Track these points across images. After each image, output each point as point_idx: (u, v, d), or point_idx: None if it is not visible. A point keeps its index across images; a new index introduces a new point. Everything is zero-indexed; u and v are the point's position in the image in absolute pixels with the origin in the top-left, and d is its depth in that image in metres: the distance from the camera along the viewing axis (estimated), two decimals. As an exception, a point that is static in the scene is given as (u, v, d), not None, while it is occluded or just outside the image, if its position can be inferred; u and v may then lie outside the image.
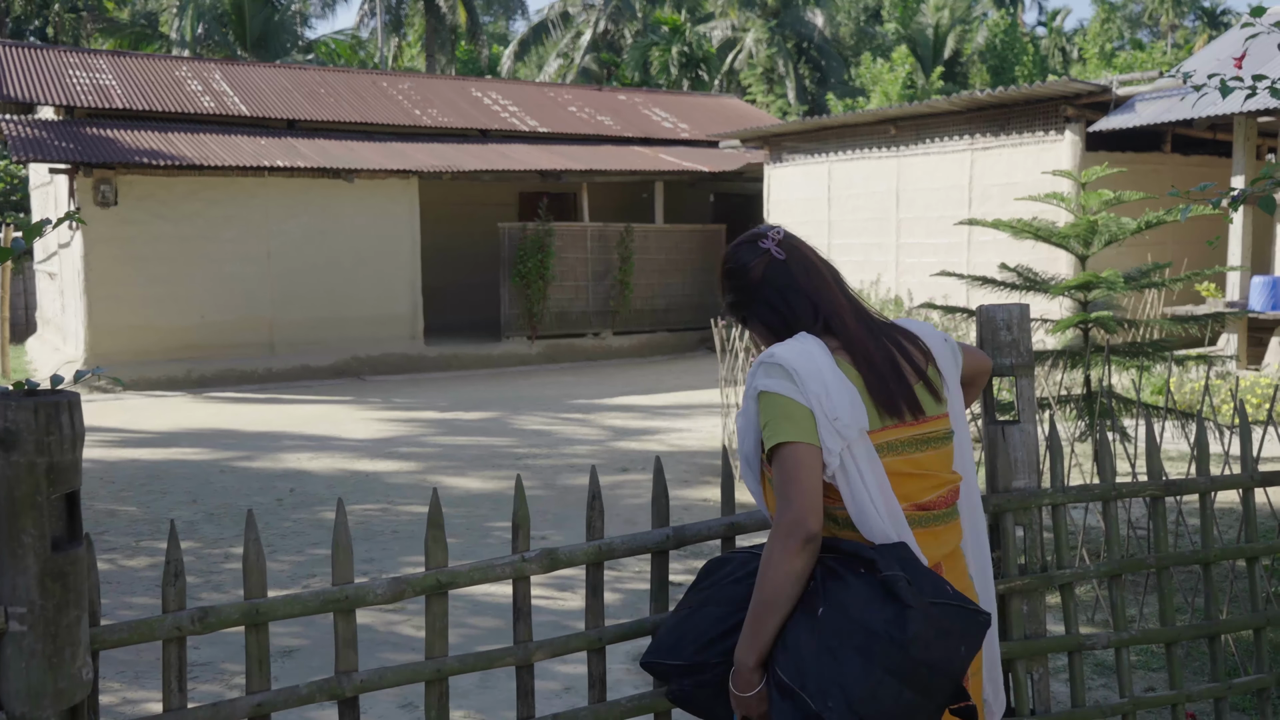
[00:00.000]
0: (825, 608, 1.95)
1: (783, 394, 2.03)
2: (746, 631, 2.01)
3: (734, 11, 37.91)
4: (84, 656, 1.83)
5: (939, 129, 14.64)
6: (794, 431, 2.00)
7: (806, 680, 1.90)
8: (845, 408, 2.03)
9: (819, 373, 2.05)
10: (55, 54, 17.44)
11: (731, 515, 2.57)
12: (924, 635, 1.89)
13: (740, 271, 2.26)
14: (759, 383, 2.08)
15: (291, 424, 11.17)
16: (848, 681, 1.87)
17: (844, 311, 2.17)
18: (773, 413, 2.03)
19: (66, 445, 1.76)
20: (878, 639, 1.89)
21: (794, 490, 1.97)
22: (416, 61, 40.54)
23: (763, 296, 2.23)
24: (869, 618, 1.91)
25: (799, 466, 1.98)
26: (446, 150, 16.85)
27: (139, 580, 5.90)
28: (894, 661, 1.87)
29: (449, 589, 2.27)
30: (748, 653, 2.01)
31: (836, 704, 1.86)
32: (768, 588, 1.98)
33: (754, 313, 2.26)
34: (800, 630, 1.96)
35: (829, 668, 1.89)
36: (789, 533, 1.95)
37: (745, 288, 2.26)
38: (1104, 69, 36.57)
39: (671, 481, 8.11)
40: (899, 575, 1.94)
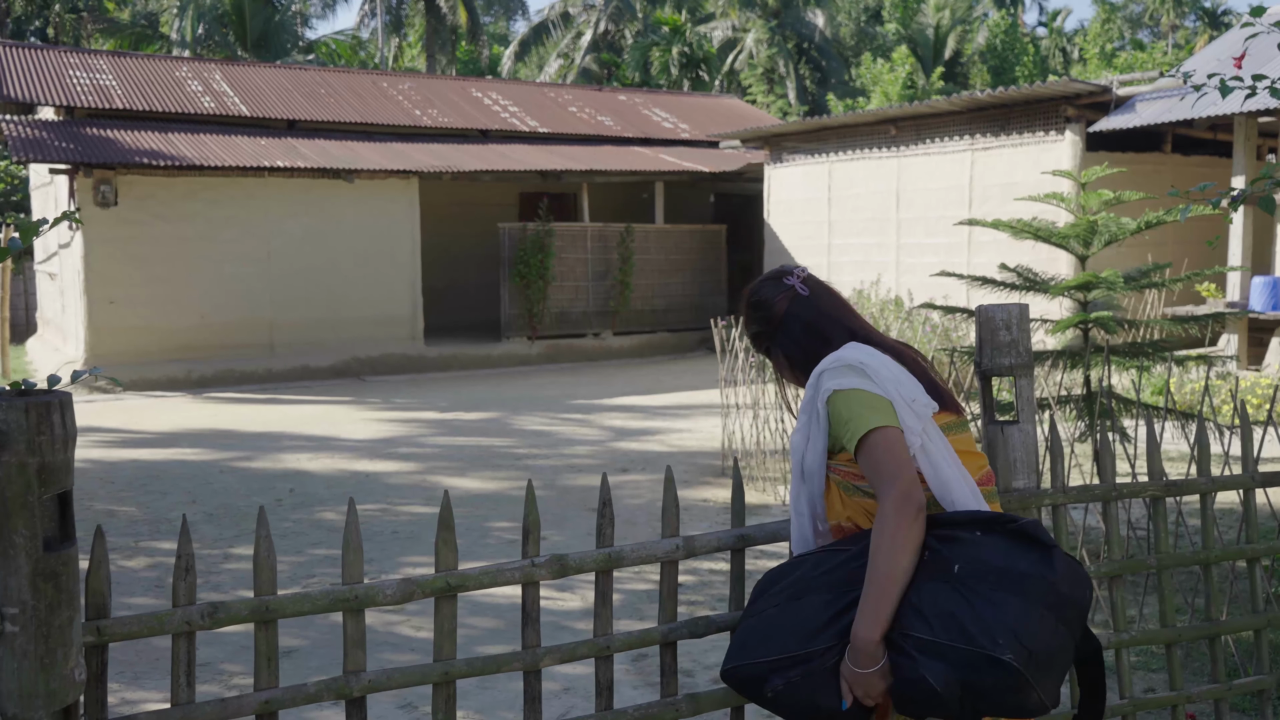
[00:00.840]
0: (961, 564, 2.02)
1: (859, 388, 2.15)
2: (867, 607, 2.03)
3: (734, 12, 37.91)
4: (76, 657, 1.82)
5: (939, 129, 14.63)
6: (879, 418, 2.11)
7: (966, 629, 1.95)
8: (918, 391, 2.19)
9: (886, 364, 2.20)
10: (55, 54, 17.44)
11: (742, 527, 2.57)
12: (1067, 573, 2.02)
13: (764, 305, 2.38)
14: (829, 384, 2.18)
15: (291, 424, 11.17)
16: (1011, 619, 1.94)
17: (871, 330, 2.35)
18: (853, 408, 2.14)
19: (58, 445, 1.75)
20: (1029, 578, 1.98)
21: (895, 466, 2.07)
22: (417, 62, 40.54)
23: (786, 329, 2.35)
24: (1014, 562, 2.01)
25: (892, 446, 2.09)
26: (447, 150, 16.84)
27: (138, 581, 5.90)
28: (1050, 598, 1.98)
29: (458, 592, 2.27)
30: (872, 627, 2.02)
31: (1006, 641, 1.92)
32: (887, 559, 2.03)
33: (777, 344, 2.38)
34: (937, 593, 2.02)
35: (987, 612, 1.95)
36: (902, 504, 2.04)
37: (769, 320, 2.37)
38: (1104, 69, 36.55)
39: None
40: (1032, 520, 2.07)
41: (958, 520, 2.10)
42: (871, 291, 14.66)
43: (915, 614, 2.01)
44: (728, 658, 2.20)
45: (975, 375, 2.85)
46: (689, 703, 2.46)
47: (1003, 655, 1.91)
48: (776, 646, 2.12)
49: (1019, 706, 1.95)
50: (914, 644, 2.00)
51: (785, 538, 2.60)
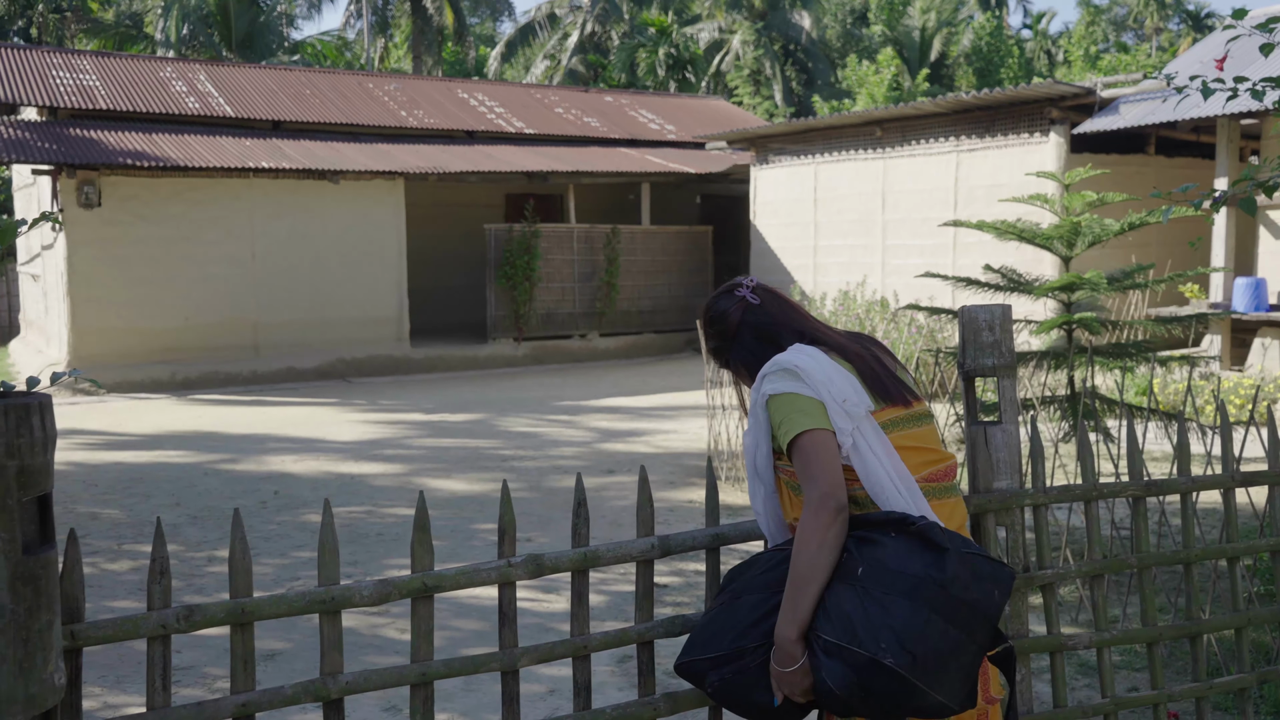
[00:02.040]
0: (864, 567, 2.07)
1: (791, 391, 2.20)
2: (786, 606, 2.09)
3: (721, 13, 37.95)
4: (56, 661, 1.81)
5: (924, 131, 14.67)
6: (808, 421, 2.15)
7: (856, 633, 1.99)
8: (850, 390, 2.22)
9: (820, 366, 2.23)
10: (39, 54, 17.33)
11: (717, 526, 2.57)
12: (962, 575, 2.03)
13: (719, 318, 2.45)
14: (766, 389, 2.24)
15: (276, 426, 11.12)
16: (897, 623, 1.99)
17: (824, 328, 2.40)
18: (785, 411, 2.19)
19: (37, 448, 1.74)
20: (921, 582, 2.02)
21: (817, 469, 2.12)
22: (403, 63, 40.45)
23: (741, 339, 2.42)
24: (909, 565, 2.04)
25: (818, 448, 2.13)
26: (432, 151, 16.81)
27: (121, 584, 5.86)
28: (938, 600, 2.01)
29: (435, 592, 2.27)
30: (789, 626, 2.08)
31: (890, 645, 1.97)
32: (805, 558, 2.08)
33: (734, 355, 2.44)
34: (841, 595, 2.06)
35: (877, 616, 2.00)
36: (820, 505, 2.09)
37: (724, 334, 2.44)
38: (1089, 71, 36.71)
39: (657, 483, 8.10)
40: (934, 523, 2.11)
41: (876, 521, 2.14)
42: (857, 293, 14.69)
43: (823, 615, 2.07)
44: (682, 652, 2.29)
45: (959, 376, 2.86)
46: (667, 701, 2.46)
47: (884, 659, 1.96)
48: (714, 644, 2.21)
49: (918, 709, 1.99)
50: (821, 645, 2.05)
51: (760, 536, 2.61)
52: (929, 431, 2.33)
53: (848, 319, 12.69)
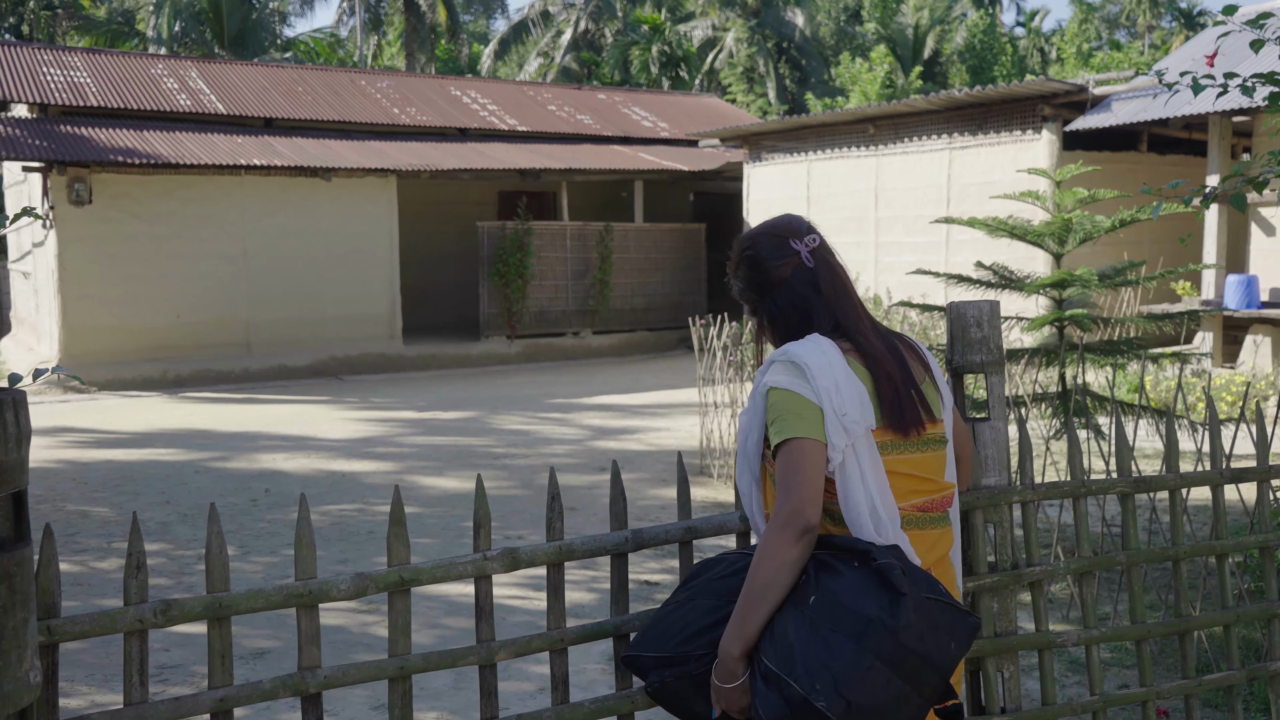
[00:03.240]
0: (817, 596, 1.96)
1: (793, 390, 2.07)
2: (734, 620, 2.01)
3: (714, 11, 37.93)
4: (31, 659, 1.79)
5: (917, 128, 14.67)
6: (802, 427, 2.04)
7: (795, 666, 1.89)
8: (855, 404, 2.08)
9: (830, 369, 2.09)
10: (29, 51, 17.27)
11: (689, 520, 2.57)
12: (916, 624, 1.90)
13: (759, 265, 2.26)
14: (770, 379, 2.12)
15: (268, 424, 11.10)
16: (838, 666, 1.87)
17: (861, 321, 2.21)
18: (781, 409, 2.07)
19: (11, 444, 1.72)
20: (871, 625, 1.89)
21: (796, 482, 2.00)
22: (396, 60, 40.38)
23: (776, 299, 2.24)
24: (862, 604, 1.92)
25: (804, 459, 2.01)
26: (425, 149, 16.78)
27: (109, 582, 5.84)
28: (885, 648, 1.88)
29: (411, 586, 2.26)
30: (734, 642, 2.00)
31: (825, 687, 1.85)
32: (760, 576, 1.98)
33: (767, 308, 2.27)
34: (789, 620, 1.96)
35: (819, 653, 1.89)
36: (787, 522, 1.98)
37: (763, 283, 2.26)
38: (1081, 69, 36.76)
39: (649, 481, 8.09)
40: (894, 564, 1.96)
41: (842, 547, 2.04)
42: (850, 290, 14.68)
43: (769, 639, 1.97)
44: (631, 644, 2.23)
45: (947, 372, 2.85)
46: (644, 695, 2.46)
47: (816, 701, 1.85)
48: (660, 643, 2.14)
49: None
50: (761, 669, 1.96)
51: (732, 530, 2.60)
52: (933, 459, 2.18)
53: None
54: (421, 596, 5.30)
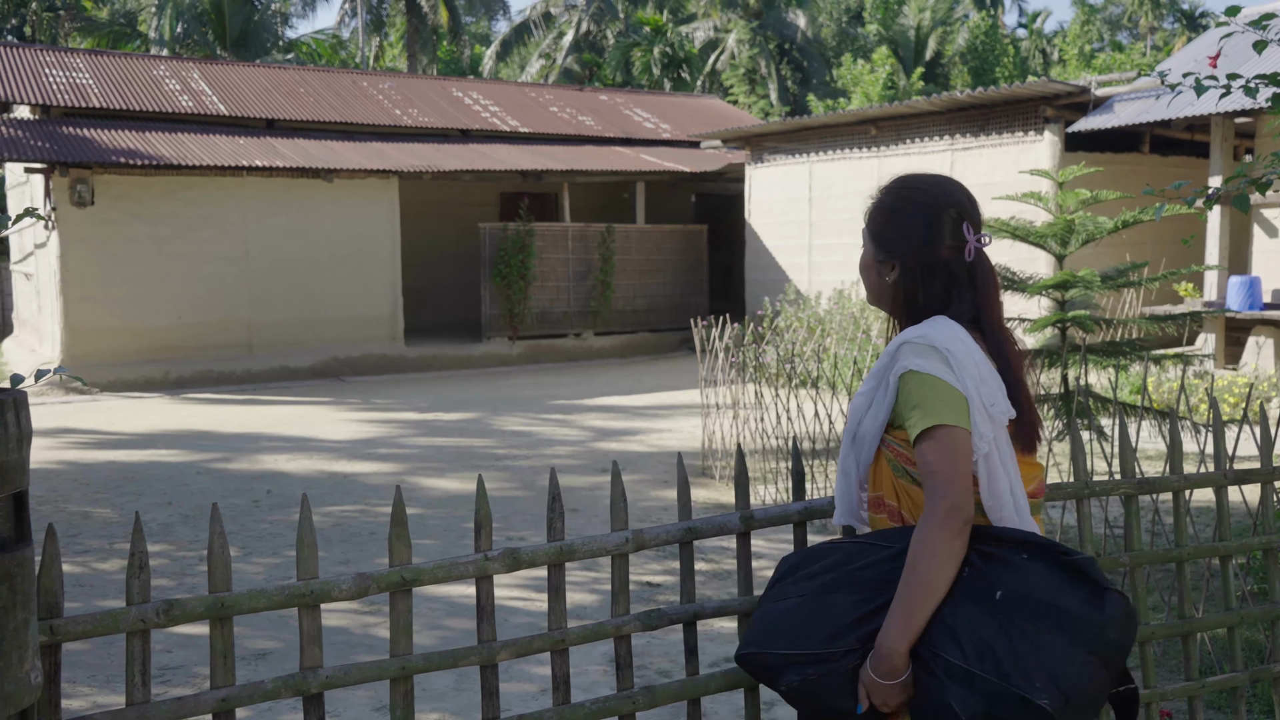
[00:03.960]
0: (1004, 591, 1.94)
1: (938, 376, 2.02)
2: (898, 617, 1.95)
3: (716, 12, 37.93)
4: (32, 660, 1.79)
5: (919, 129, 14.67)
6: (950, 414, 1.99)
7: (1000, 664, 1.88)
8: (999, 393, 2.07)
9: (973, 359, 2.06)
10: (32, 53, 17.29)
11: (689, 520, 2.56)
12: (1119, 616, 1.93)
13: (923, 228, 2.15)
14: (909, 362, 2.04)
15: (270, 425, 11.10)
16: (1053, 663, 1.87)
17: (1000, 322, 2.18)
18: (926, 394, 2.01)
19: (12, 444, 1.72)
20: (1080, 622, 1.90)
21: (950, 473, 1.96)
22: (398, 61, 40.40)
23: (936, 275, 2.15)
24: (1063, 600, 1.92)
25: (958, 450, 1.97)
26: (427, 150, 16.78)
27: (111, 583, 5.83)
28: (1095, 642, 1.90)
29: (413, 586, 2.26)
30: (900, 637, 1.94)
31: (1045, 686, 1.85)
32: (926, 569, 1.94)
33: (914, 276, 2.16)
34: (973, 616, 1.93)
35: (1028, 652, 1.88)
36: (949, 515, 1.94)
37: (920, 249, 2.15)
38: (1083, 70, 36.75)
39: (651, 482, 8.08)
40: (1087, 557, 1.98)
41: (1004, 538, 2.01)
42: (852, 291, 14.69)
43: (948, 634, 1.93)
44: (747, 641, 2.12)
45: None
46: (645, 695, 2.45)
47: (1039, 699, 1.84)
48: (798, 641, 2.04)
49: None
50: (943, 666, 1.92)
51: (732, 531, 2.58)
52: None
53: (842, 318, 12.69)
54: (423, 597, 5.30)
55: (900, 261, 2.17)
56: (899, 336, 2.12)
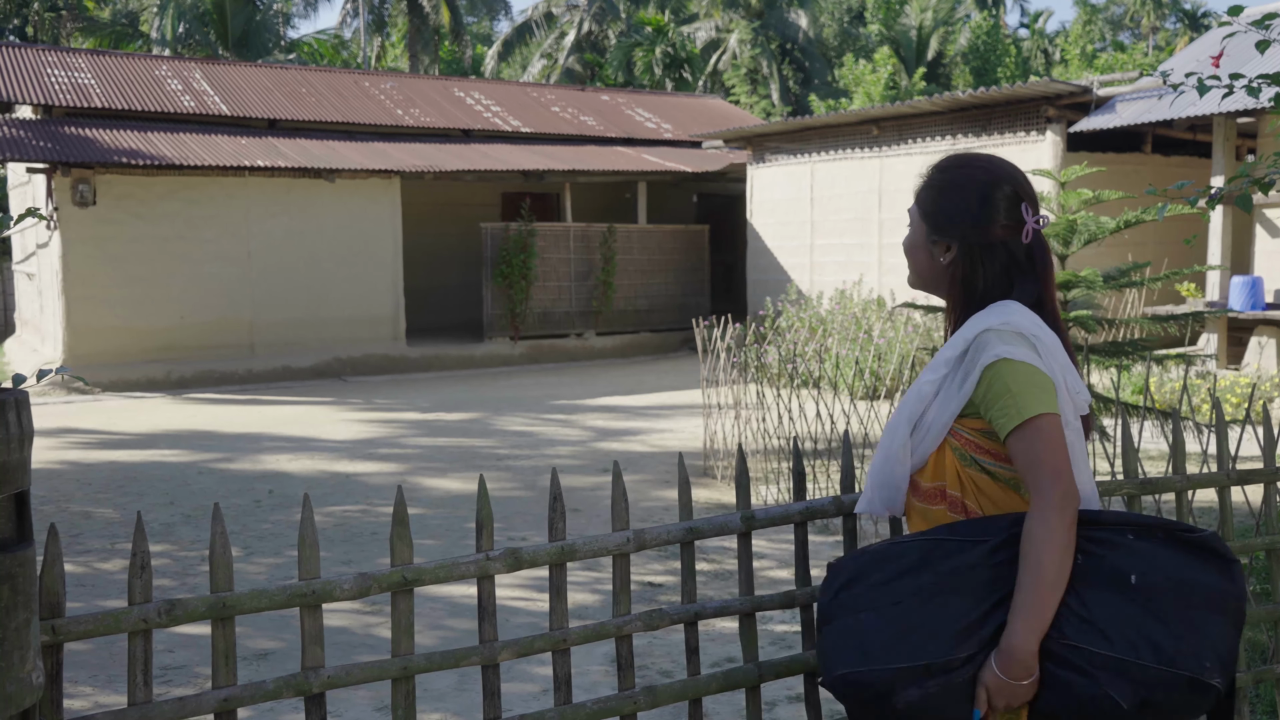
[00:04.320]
0: (1137, 574, 1.89)
1: (1030, 363, 1.96)
2: (1028, 614, 1.86)
3: (718, 12, 37.93)
4: (34, 660, 1.79)
5: (921, 129, 14.66)
6: (1049, 402, 1.94)
7: (1160, 650, 1.84)
8: (1080, 382, 2.04)
9: (1056, 343, 2.03)
10: (34, 53, 17.30)
11: (691, 520, 2.55)
12: (1245, 589, 1.92)
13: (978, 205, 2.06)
14: (999, 349, 1.96)
15: (271, 425, 11.10)
16: (1218, 643, 1.86)
17: (1056, 306, 2.13)
18: (1023, 382, 1.94)
19: (14, 444, 1.71)
20: (1225, 596, 1.89)
21: (1059, 461, 1.90)
22: (400, 61, 40.42)
23: (995, 255, 2.06)
24: (1199, 577, 1.90)
25: (1058, 436, 1.92)
26: (429, 150, 16.79)
27: (113, 583, 5.84)
28: (1238, 615, 1.90)
29: (414, 586, 2.26)
30: (1032, 635, 1.86)
31: (1215, 666, 1.84)
32: (1052, 561, 1.87)
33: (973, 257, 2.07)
34: (1109, 602, 1.88)
35: (1187, 634, 1.85)
36: (1065, 504, 1.89)
37: (976, 227, 2.06)
38: (1085, 70, 36.74)
39: (652, 482, 8.08)
40: (1210, 531, 1.95)
41: (1104, 521, 1.96)
42: (854, 291, 14.68)
43: (1085, 625, 1.87)
44: (838, 660, 1.97)
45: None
46: (647, 695, 2.45)
47: (1212, 679, 1.82)
48: (912, 653, 1.91)
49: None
50: (1086, 658, 1.86)
51: (733, 531, 2.58)
52: None
53: (844, 318, 12.68)
54: (425, 597, 5.30)
55: (956, 241, 2.08)
56: (977, 322, 2.02)
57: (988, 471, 2.02)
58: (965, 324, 2.06)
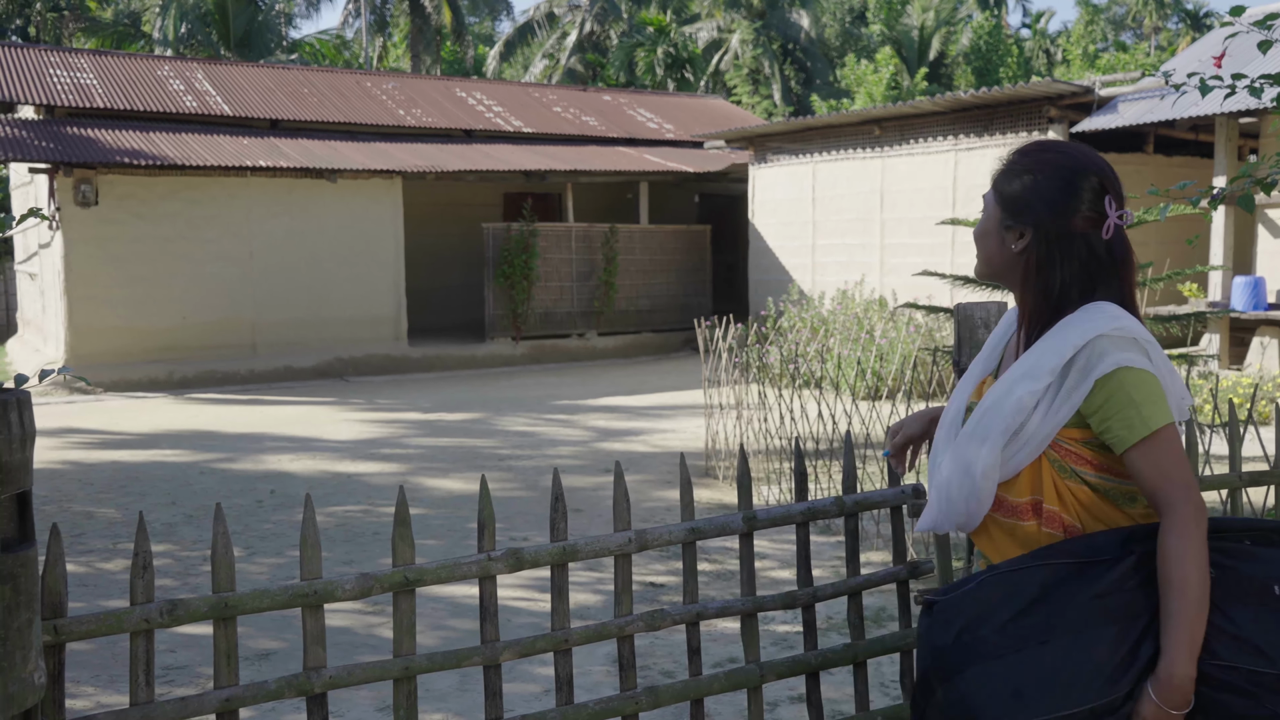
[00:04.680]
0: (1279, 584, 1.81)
1: (1149, 371, 1.85)
2: (1182, 638, 1.76)
3: (719, 12, 37.93)
4: (36, 660, 1.79)
5: (923, 129, 14.66)
6: (1168, 412, 1.84)
7: None
8: (1183, 386, 1.96)
9: (1160, 350, 1.92)
10: (36, 53, 17.31)
11: (692, 520, 2.56)
12: None
13: (1060, 192, 1.93)
14: (1119, 357, 1.83)
15: (273, 425, 11.10)
16: None
17: (1137, 307, 2.00)
18: (1145, 393, 1.83)
19: (15, 444, 1.72)
20: None
21: (1189, 473, 1.82)
22: (401, 62, 40.44)
23: (1076, 248, 1.92)
24: None
25: (1181, 448, 1.84)
26: (430, 150, 16.79)
27: (115, 583, 5.84)
28: None
29: (416, 586, 2.26)
30: (1189, 660, 1.76)
31: None
32: (1196, 581, 1.77)
33: (1049, 246, 1.93)
34: (1259, 617, 1.79)
35: None
36: (1199, 517, 1.80)
37: (1055, 215, 1.93)
38: (1087, 70, 36.72)
39: (654, 482, 8.08)
40: None
41: (1223, 528, 1.88)
42: (855, 292, 14.68)
43: (1238, 644, 1.77)
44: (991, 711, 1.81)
45: (954, 374, 2.83)
46: (648, 696, 2.45)
47: None
48: (1073, 696, 1.78)
49: None
50: (1247, 678, 1.77)
51: (734, 532, 2.57)
52: None
53: (845, 318, 12.68)
54: (426, 598, 5.30)
55: (1031, 228, 1.94)
56: (1082, 326, 1.87)
57: (1087, 483, 1.90)
58: (1059, 327, 1.91)
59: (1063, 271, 1.93)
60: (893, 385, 9.87)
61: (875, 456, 7.30)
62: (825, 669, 2.72)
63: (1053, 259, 1.93)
